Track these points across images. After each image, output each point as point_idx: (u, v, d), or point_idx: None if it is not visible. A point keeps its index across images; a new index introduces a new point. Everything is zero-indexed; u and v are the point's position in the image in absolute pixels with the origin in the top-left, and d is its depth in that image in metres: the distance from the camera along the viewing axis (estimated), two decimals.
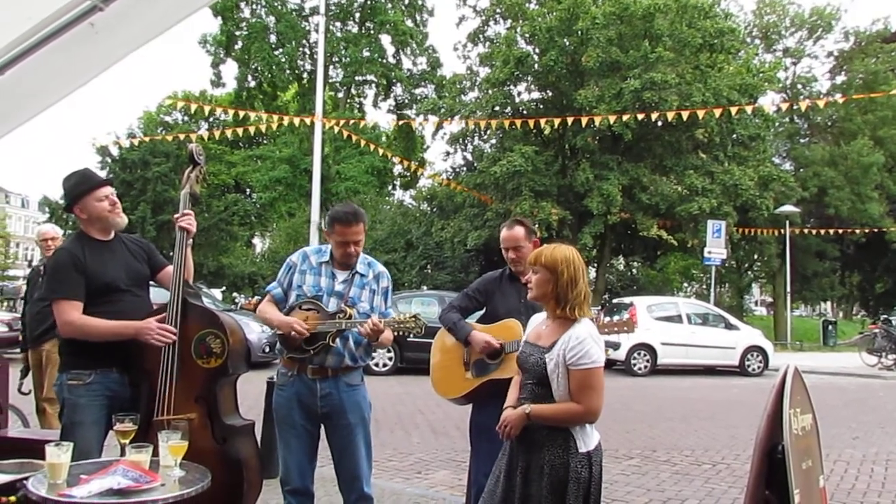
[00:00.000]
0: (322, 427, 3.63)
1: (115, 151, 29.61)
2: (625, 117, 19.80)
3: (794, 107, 25.27)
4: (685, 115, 19.26)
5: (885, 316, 23.34)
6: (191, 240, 3.55)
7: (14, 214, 65.42)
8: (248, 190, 39.24)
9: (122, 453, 2.80)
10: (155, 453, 2.72)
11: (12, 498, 2.80)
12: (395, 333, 3.57)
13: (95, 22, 2.35)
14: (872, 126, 30.79)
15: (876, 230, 28.67)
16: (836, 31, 32.44)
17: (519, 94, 26.51)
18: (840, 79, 32.90)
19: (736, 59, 26.18)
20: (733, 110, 20.51)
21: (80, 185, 3.43)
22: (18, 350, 6.23)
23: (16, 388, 5.89)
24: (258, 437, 3.88)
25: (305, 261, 3.67)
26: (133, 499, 2.47)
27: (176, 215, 3.56)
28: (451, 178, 28.52)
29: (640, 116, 19.27)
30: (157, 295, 3.66)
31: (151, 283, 3.67)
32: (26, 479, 2.67)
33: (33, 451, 3.11)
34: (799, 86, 32.06)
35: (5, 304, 21.66)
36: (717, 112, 20.48)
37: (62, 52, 2.38)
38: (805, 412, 3.10)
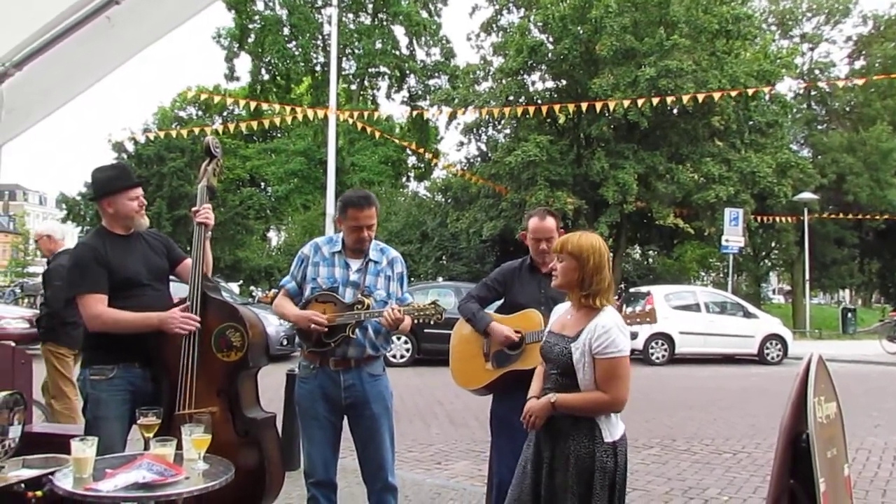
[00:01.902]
0: (345, 418, 3.61)
1: (130, 147, 29.76)
2: (640, 102, 19.63)
3: (813, 92, 24.98)
4: (701, 98, 19.07)
5: None
6: (209, 233, 3.55)
7: (32, 212, 66.14)
8: (262, 183, 39.35)
9: (146, 447, 2.81)
10: (178, 447, 2.73)
11: (38, 493, 2.83)
12: (415, 321, 3.54)
13: (112, 15, 2.34)
14: (892, 111, 30.43)
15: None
16: (854, 15, 32.10)
17: (533, 83, 26.42)
18: (859, 63, 32.51)
19: (753, 46, 25.91)
20: (750, 94, 20.28)
21: (116, 181, 3.44)
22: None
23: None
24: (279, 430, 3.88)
25: (317, 252, 3.63)
26: (158, 492, 2.48)
27: (194, 209, 3.56)
28: (465, 168, 28.47)
29: (655, 101, 19.12)
30: (177, 289, 3.67)
31: (171, 277, 3.69)
32: (52, 473, 2.69)
33: (57, 446, 3.13)
34: (816, 71, 31.70)
35: (26, 300, 21.83)
36: (734, 94, 20.26)
37: (79, 47, 2.37)
38: (829, 400, 3.08)
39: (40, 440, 3.37)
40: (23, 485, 2.85)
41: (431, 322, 3.52)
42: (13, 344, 3.87)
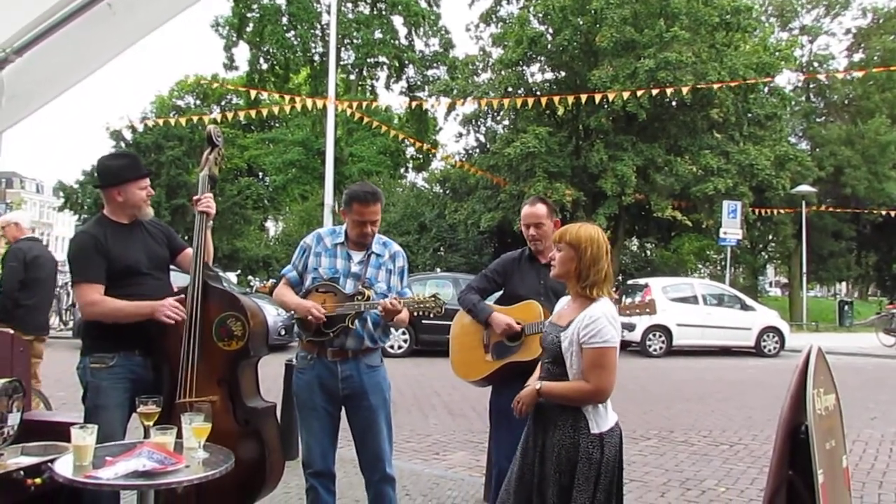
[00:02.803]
0: (343, 409, 3.61)
1: (128, 136, 29.62)
2: (639, 93, 19.59)
3: (811, 84, 24.94)
4: (701, 87, 19.02)
5: None
6: (210, 222, 3.54)
7: (29, 199, 65.90)
8: (260, 173, 39.26)
9: (146, 435, 2.81)
10: (178, 435, 2.73)
11: (38, 480, 2.83)
12: (415, 314, 3.54)
13: (113, 3, 2.33)
14: (890, 104, 30.42)
15: (893, 210, 28.37)
16: (854, 7, 32.10)
17: (532, 74, 26.33)
18: (858, 56, 32.47)
19: (752, 38, 25.84)
20: (749, 85, 20.27)
21: (129, 170, 3.45)
22: None
23: None
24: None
25: (320, 243, 3.63)
26: (158, 480, 2.49)
27: (195, 197, 3.55)
28: (464, 159, 28.41)
29: (655, 92, 19.06)
30: (177, 279, 3.67)
31: (172, 267, 3.68)
32: (52, 461, 2.69)
33: (56, 434, 3.14)
34: (815, 64, 31.65)
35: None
36: (733, 85, 20.20)
37: (80, 34, 2.36)
38: (828, 392, 3.08)
39: (39, 428, 3.38)
40: (22, 472, 2.86)
41: (431, 315, 3.52)
42: (11, 331, 3.86)
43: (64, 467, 2.56)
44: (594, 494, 2.67)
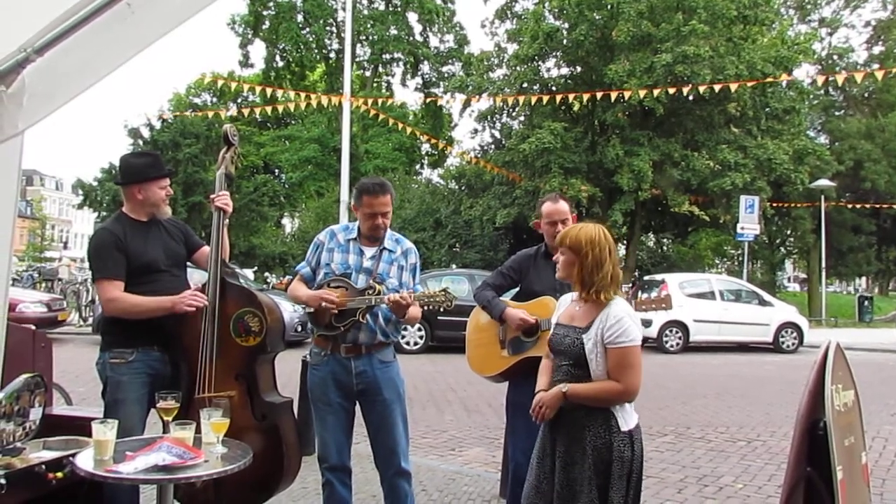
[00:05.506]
0: (358, 404, 3.63)
1: (146, 133, 29.83)
2: (655, 91, 19.47)
3: (830, 79, 24.65)
4: (717, 87, 18.90)
5: None
6: (227, 219, 3.58)
7: (49, 197, 66.54)
8: (276, 170, 39.42)
9: (165, 430, 2.84)
10: (197, 430, 2.76)
11: (59, 474, 2.87)
12: (426, 308, 3.55)
13: (132, 2, 2.35)
14: None
15: None
16: None
17: (548, 70, 26.27)
18: (878, 49, 32.08)
19: (770, 31, 25.60)
20: (768, 82, 20.11)
21: (152, 169, 3.51)
22: None
23: None
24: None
25: (333, 238, 3.66)
26: (178, 475, 2.52)
27: (212, 195, 3.60)
28: (479, 156, 28.38)
29: (672, 90, 18.95)
30: (192, 276, 3.70)
31: (188, 264, 3.72)
32: (73, 455, 2.73)
33: (77, 429, 3.18)
34: (835, 56, 31.30)
35: (44, 284, 22.06)
36: (751, 84, 20.03)
37: (100, 33, 2.37)
38: (847, 388, 3.06)
39: (60, 423, 3.42)
40: (44, 466, 2.90)
41: (441, 309, 3.52)
42: (33, 327, 3.91)
43: (85, 461, 2.60)
44: (627, 491, 2.67)
